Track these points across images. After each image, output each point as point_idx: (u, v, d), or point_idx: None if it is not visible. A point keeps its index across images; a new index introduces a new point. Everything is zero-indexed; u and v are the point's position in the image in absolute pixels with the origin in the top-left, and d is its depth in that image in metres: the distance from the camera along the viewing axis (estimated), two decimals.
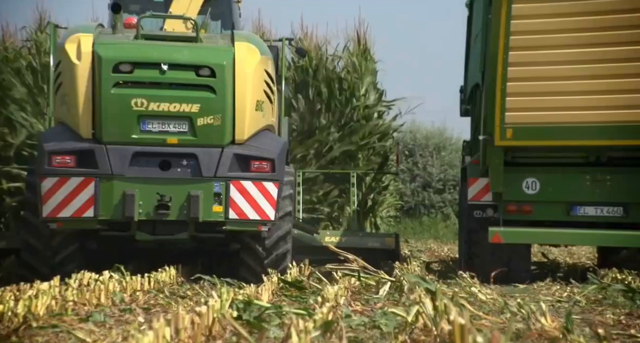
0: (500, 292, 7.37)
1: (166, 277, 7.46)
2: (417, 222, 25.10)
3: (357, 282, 7.02)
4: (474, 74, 9.70)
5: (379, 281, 6.66)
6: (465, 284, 7.50)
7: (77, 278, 6.86)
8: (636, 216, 8.38)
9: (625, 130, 8.09)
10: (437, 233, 23.31)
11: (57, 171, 7.62)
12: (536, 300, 6.80)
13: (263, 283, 6.49)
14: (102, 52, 7.63)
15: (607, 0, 8.00)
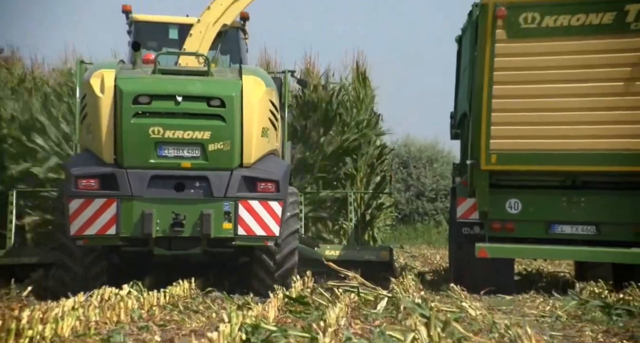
0: (489, 305, 7.37)
1: (180, 290, 7.37)
2: (411, 229, 25.03)
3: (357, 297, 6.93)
4: (463, 103, 9.67)
5: (376, 297, 6.57)
6: (457, 297, 7.45)
7: (99, 293, 6.80)
8: (607, 234, 8.42)
9: (598, 158, 8.15)
10: (430, 239, 23.24)
11: (82, 193, 7.64)
12: (522, 313, 6.79)
13: (269, 300, 6.40)
14: (123, 86, 7.68)
15: (581, 42, 8.02)
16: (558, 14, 8.01)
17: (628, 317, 6.44)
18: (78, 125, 8.69)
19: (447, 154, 28.20)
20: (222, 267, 9.01)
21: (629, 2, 7.77)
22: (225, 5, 9.26)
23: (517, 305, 7.50)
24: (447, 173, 26.56)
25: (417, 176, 27.51)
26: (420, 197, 26.98)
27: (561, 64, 8.09)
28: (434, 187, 27.20)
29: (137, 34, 9.49)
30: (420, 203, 26.76)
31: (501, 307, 7.29)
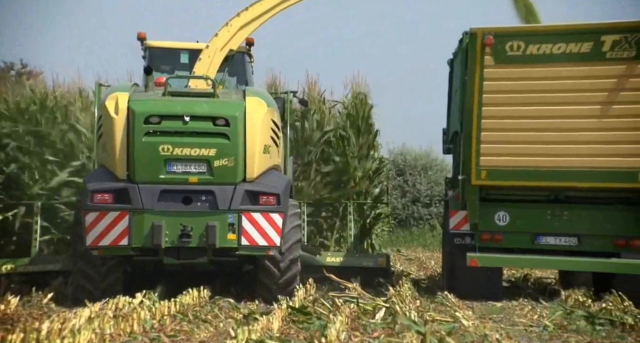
0: (481, 314, 7.34)
1: (190, 299, 7.35)
2: (407, 232, 24.95)
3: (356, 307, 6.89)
4: (455, 122, 9.66)
5: (375, 307, 6.53)
6: (450, 306, 7.43)
7: (114, 302, 6.79)
8: (587, 245, 8.44)
9: (579, 175, 8.18)
10: (425, 242, 23.16)
11: (97, 207, 7.68)
12: (511, 322, 6.78)
13: (274, 311, 6.37)
14: (136, 107, 7.74)
15: (561, 68, 8.09)
16: (541, 43, 8.10)
17: (610, 326, 6.43)
18: (95, 143, 8.69)
19: (440, 162, 28.11)
20: (229, 275, 8.98)
21: (604, 34, 7.87)
22: (232, 32, 9.28)
23: (507, 313, 7.48)
24: (440, 180, 26.47)
25: (412, 183, 27.43)
26: (416, 202, 26.91)
27: (544, 88, 8.16)
28: (429, 193, 27.11)
29: (151, 59, 9.52)
30: (416, 209, 26.68)
31: (492, 315, 7.26)
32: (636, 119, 7.90)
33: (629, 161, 7.95)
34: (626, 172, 7.96)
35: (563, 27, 8.33)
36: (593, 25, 8.06)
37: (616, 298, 7.76)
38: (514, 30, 8.35)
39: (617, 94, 7.92)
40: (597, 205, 8.40)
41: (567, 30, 8.20)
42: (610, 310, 6.87)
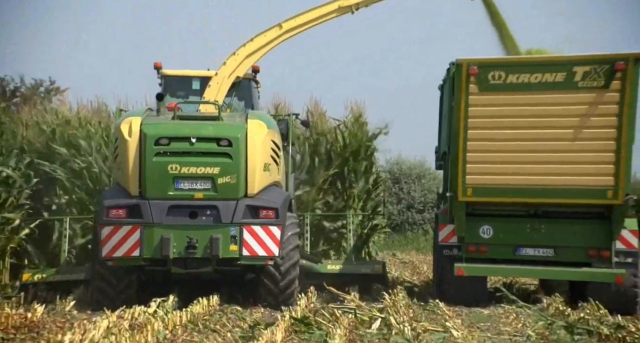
0: (469, 322, 7.33)
1: (200, 308, 7.36)
2: (402, 237, 24.92)
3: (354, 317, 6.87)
4: (444, 142, 9.73)
5: (371, 317, 6.52)
6: (441, 315, 7.45)
7: (130, 312, 6.81)
8: (563, 256, 8.52)
9: (556, 192, 8.27)
10: (418, 246, 23.10)
11: (112, 221, 7.82)
12: (497, 331, 6.77)
13: (277, 322, 6.36)
14: (147, 130, 7.88)
15: (538, 96, 8.18)
16: (520, 73, 8.20)
17: (588, 336, 6.41)
18: (111, 163, 8.75)
19: (433, 171, 28.02)
20: (235, 282, 9.00)
21: (576, 65, 8.01)
22: (239, 60, 9.37)
23: (493, 321, 7.49)
24: (433, 188, 26.45)
25: (407, 190, 27.44)
26: (410, 208, 26.91)
27: (523, 114, 8.27)
28: (422, 200, 27.10)
29: (167, 86, 9.62)
30: (410, 214, 26.67)
31: (480, 323, 7.26)
32: (605, 142, 8.01)
33: (599, 180, 8.05)
34: (596, 189, 8.05)
35: (539, 59, 8.50)
36: (566, 57, 8.21)
37: (593, 307, 7.80)
38: (495, 61, 8.47)
39: (588, 119, 8.04)
40: (571, 219, 8.49)
41: (543, 61, 8.35)
42: (587, 320, 6.86)
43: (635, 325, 6.67)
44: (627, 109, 7.81)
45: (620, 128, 7.86)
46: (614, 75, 7.81)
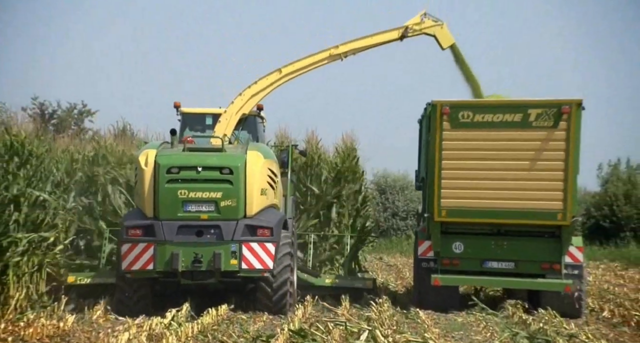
0: (445, 330, 7.31)
1: (209, 318, 7.33)
2: (388, 241, 24.89)
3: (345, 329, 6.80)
4: (423, 169, 9.81)
5: (360, 329, 6.49)
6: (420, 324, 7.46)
7: (148, 324, 6.78)
8: (522, 268, 8.67)
9: (516, 214, 8.45)
10: (402, 249, 23.07)
11: (130, 239, 7.94)
12: (470, 340, 6.78)
13: (277, 335, 6.32)
14: (160, 161, 8.01)
15: (499, 132, 8.37)
16: (484, 113, 8.43)
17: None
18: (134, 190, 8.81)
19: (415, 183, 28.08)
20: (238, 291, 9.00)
21: (530, 108, 8.28)
22: (244, 100, 9.43)
23: (466, 329, 7.49)
24: (415, 198, 26.46)
25: (392, 200, 27.45)
26: (395, 216, 26.92)
27: (488, 147, 8.46)
28: (405, 208, 27.10)
29: (184, 121, 9.70)
30: (395, 221, 26.68)
31: (454, 332, 7.24)
32: (554, 172, 8.25)
33: (550, 204, 8.30)
34: (548, 212, 8.29)
35: (501, 102, 8.73)
36: (522, 101, 8.45)
37: (551, 315, 7.85)
38: (464, 103, 8.66)
39: (540, 153, 8.28)
40: (528, 237, 8.64)
41: (503, 104, 8.59)
42: (545, 330, 6.85)
43: (586, 334, 6.69)
44: (572, 144, 8.14)
45: (567, 161, 8.16)
46: (561, 117, 8.14)
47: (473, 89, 9.55)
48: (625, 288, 12.17)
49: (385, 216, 26.54)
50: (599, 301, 10.01)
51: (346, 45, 9.54)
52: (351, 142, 12.46)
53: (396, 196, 27.65)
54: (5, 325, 7.15)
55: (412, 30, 9.56)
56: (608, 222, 23.20)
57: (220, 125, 9.20)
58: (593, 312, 9.04)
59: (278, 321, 7.77)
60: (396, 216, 26.78)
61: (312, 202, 11.75)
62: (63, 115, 28.31)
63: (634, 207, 23.04)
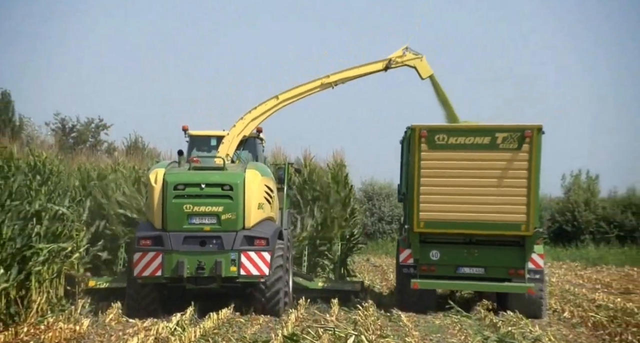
0: (425, 333, 7.29)
1: (211, 323, 7.28)
2: (374, 243, 24.88)
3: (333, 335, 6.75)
4: (404, 184, 9.88)
5: (347, 335, 6.46)
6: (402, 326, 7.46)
7: (155, 329, 6.74)
8: (491, 273, 8.81)
9: (484, 225, 8.60)
10: (387, 250, 23.09)
11: (141, 249, 8.13)
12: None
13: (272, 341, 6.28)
14: (168, 179, 8.18)
15: (471, 153, 8.52)
16: (457, 136, 8.60)
17: None
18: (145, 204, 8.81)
19: None
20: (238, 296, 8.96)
21: (497, 132, 8.48)
22: (245, 123, 9.47)
23: (443, 331, 7.48)
24: (399, 204, 26.47)
25: (378, 206, 27.45)
26: (381, 220, 26.92)
27: (461, 166, 8.59)
28: (390, 213, 27.11)
29: (192, 142, 9.73)
30: (381, 225, 26.69)
31: (432, 335, 7.24)
32: (518, 188, 8.42)
33: (515, 217, 8.48)
34: (513, 224, 8.48)
35: (472, 126, 8.86)
36: (491, 126, 8.63)
37: (518, 317, 7.92)
38: (440, 127, 8.79)
39: (506, 171, 8.45)
40: (496, 246, 8.77)
41: (474, 128, 8.74)
42: (513, 333, 6.86)
43: (548, 336, 6.71)
44: (534, 164, 8.35)
45: (530, 178, 8.35)
46: (524, 140, 8.35)
47: (448, 115, 9.68)
48: (584, 288, 12.23)
49: (372, 220, 26.58)
50: (561, 302, 10.05)
51: (336, 75, 9.64)
52: (341, 159, 12.51)
53: (382, 202, 27.71)
54: (27, 328, 7.08)
55: (395, 62, 9.67)
56: (570, 226, 23.42)
57: (224, 146, 9.26)
58: (555, 313, 9.10)
59: (273, 324, 7.74)
60: (382, 220, 26.82)
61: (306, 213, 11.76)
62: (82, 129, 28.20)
63: (593, 213, 23.31)
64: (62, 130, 27.84)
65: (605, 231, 22.98)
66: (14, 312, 7.58)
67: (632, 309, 9.16)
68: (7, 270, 7.46)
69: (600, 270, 17.21)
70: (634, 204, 23.34)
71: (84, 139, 27.02)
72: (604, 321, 7.97)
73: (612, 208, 23.45)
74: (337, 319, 7.74)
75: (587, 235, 22.96)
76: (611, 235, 22.85)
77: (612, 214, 23.20)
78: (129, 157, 12.54)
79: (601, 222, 23.12)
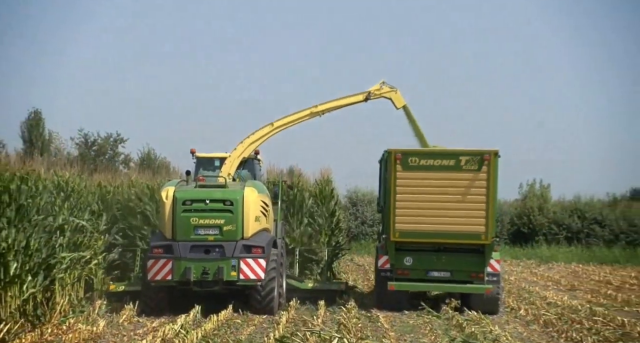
0: (400, 333, 7.22)
1: (211, 324, 7.21)
2: (358, 244, 24.85)
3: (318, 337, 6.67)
4: (382, 198, 9.97)
5: (331, 337, 6.43)
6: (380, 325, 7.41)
7: (163, 330, 6.67)
8: (456, 276, 8.93)
9: (450, 235, 8.72)
10: (369, 251, 23.06)
11: (154, 256, 8.22)
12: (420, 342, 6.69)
13: None
14: (177, 195, 8.32)
15: (439, 173, 8.66)
16: (427, 159, 8.74)
17: None
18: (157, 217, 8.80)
19: None
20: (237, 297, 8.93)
21: (461, 155, 8.65)
22: (245, 146, 9.53)
23: (416, 331, 7.45)
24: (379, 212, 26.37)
25: (362, 211, 27.43)
26: (364, 223, 26.89)
27: (430, 185, 8.72)
28: (372, 217, 27.04)
29: (199, 163, 9.78)
30: (364, 228, 26.65)
31: (406, 334, 7.20)
32: (479, 204, 8.59)
33: (475, 228, 8.62)
34: (474, 234, 8.63)
35: (440, 151, 9.02)
36: (455, 150, 8.81)
37: (481, 317, 7.99)
38: (413, 151, 8.95)
39: (469, 189, 8.60)
40: (460, 252, 8.89)
41: (441, 152, 8.91)
42: (476, 334, 6.86)
43: (506, 336, 6.73)
44: (492, 183, 8.55)
45: (488, 195, 8.55)
46: (483, 162, 8.54)
47: (420, 140, 9.85)
48: (537, 286, 12.24)
49: (356, 224, 26.63)
50: (518, 300, 10.07)
51: (323, 105, 9.76)
52: (327, 175, 12.56)
53: (365, 208, 27.77)
54: (51, 329, 6.99)
55: (373, 95, 9.84)
56: (526, 228, 23.77)
57: (226, 167, 9.31)
58: (512, 311, 9.13)
59: (267, 324, 7.70)
60: (365, 223, 26.85)
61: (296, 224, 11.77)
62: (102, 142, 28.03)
63: (545, 217, 23.70)
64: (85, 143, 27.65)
65: (556, 232, 23.36)
66: (40, 314, 7.56)
67: (576, 306, 9.30)
68: (35, 277, 7.48)
69: (551, 267, 17.38)
70: (579, 209, 23.81)
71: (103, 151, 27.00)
72: (553, 319, 8.02)
73: (561, 212, 23.85)
74: (323, 320, 7.70)
75: (540, 236, 23.32)
76: (560, 236, 23.24)
77: (561, 218, 23.60)
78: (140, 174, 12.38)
79: (552, 225, 23.51)
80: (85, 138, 27.13)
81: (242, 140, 9.51)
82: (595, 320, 8.09)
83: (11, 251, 7.11)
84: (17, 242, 7.17)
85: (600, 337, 6.96)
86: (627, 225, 22.63)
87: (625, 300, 10.38)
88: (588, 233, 22.89)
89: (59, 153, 27.63)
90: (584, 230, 22.93)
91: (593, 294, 11.21)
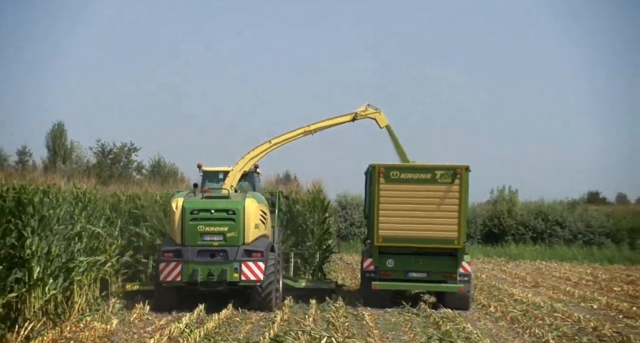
0: (383, 331, 7.16)
1: (213, 323, 7.19)
2: (347, 244, 24.86)
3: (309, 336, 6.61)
4: (367, 207, 10.03)
5: (320, 336, 6.44)
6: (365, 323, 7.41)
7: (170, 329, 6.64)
8: (432, 277, 9.05)
9: (427, 240, 8.86)
10: (357, 250, 23.09)
11: (166, 259, 8.35)
12: (400, 341, 6.65)
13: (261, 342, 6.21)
14: (186, 205, 8.43)
15: (417, 186, 8.80)
16: (407, 173, 8.89)
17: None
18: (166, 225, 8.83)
19: None
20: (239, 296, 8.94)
21: (437, 170, 8.81)
22: (245, 161, 9.60)
23: (397, 329, 7.40)
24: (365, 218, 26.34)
25: (350, 214, 27.49)
26: (352, 225, 26.94)
27: (410, 195, 8.85)
28: (360, 219, 27.08)
29: (205, 176, 9.84)
30: (352, 229, 26.71)
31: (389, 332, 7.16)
32: (452, 212, 8.74)
33: (449, 234, 8.77)
34: (448, 239, 8.77)
35: (418, 165, 9.15)
36: (431, 165, 8.94)
37: (455, 315, 8.06)
38: (394, 166, 9.07)
39: (443, 200, 8.75)
40: (436, 255, 9.01)
41: (419, 167, 9.04)
42: (451, 332, 6.88)
43: (477, 334, 6.76)
44: (463, 194, 8.70)
45: (460, 205, 8.71)
46: (456, 176, 8.70)
47: (401, 156, 9.99)
48: (505, 283, 12.29)
49: (345, 225, 26.70)
50: (488, 298, 10.12)
51: (315, 125, 9.89)
52: (319, 185, 12.64)
53: (353, 210, 27.81)
54: (70, 327, 6.96)
55: (359, 115, 9.97)
56: (497, 229, 24.10)
57: (229, 179, 9.40)
58: (483, 308, 9.19)
59: (264, 322, 7.67)
60: (353, 225, 26.94)
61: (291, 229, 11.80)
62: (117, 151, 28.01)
63: (513, 219, 24.05)
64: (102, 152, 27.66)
65: (523, 233, 23.73)
66: (60, 312, 7.57)
67: (539, 303, 9.39)
68: (55, 279, 7.53)
69: (519, 265, 17.53)
70: (542, 212, 24.22)
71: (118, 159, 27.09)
72: (519, 316, 8.10)
73: (527, 215, 24.21)
74: (314, 319, 7.69)
75: (509, 236, 23.67)
76: (527, 236, 23.60)
77: (527, 219, 23.96)
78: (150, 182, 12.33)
79: (519, 226, 23.88)
80: (102, 147, 27.11)
81: (243, 156, 9.59)
82: (555, 316, 8.19)
83: (34, 257, 7.14)
84: (40, 248, 7.21)
85: (560, 333, 7.04)
86: (584, 226, 23.10)
87: (581, 296, 10.51)
88: (550, 233, 23.34)
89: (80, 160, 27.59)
90: (547, 231, 23.34)
91: (554, 290, 11.33)
